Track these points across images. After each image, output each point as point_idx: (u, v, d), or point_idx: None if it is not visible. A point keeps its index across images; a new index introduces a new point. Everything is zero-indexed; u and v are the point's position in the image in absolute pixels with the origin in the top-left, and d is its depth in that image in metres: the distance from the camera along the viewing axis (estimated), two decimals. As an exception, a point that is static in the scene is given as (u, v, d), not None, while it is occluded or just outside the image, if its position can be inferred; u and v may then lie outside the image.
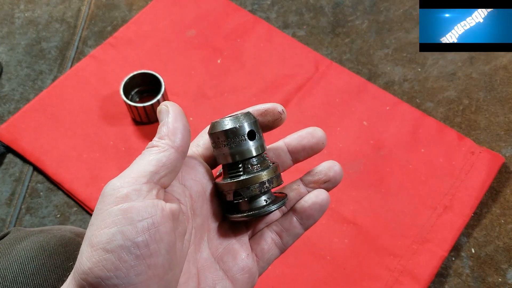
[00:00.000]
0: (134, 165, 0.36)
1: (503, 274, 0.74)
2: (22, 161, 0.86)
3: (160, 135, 0.37)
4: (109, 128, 0.87)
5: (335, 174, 0.40)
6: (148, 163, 0.36)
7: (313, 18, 1.00)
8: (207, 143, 0.40)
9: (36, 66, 0.96)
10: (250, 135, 0.38)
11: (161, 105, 0.39)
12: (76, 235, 0.52)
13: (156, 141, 0.37)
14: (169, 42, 0.96)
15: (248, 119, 0.38)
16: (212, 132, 0.38)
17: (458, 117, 0.88)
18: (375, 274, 0.73)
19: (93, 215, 0.34)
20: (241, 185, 0.37)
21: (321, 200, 0.40)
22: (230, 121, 0.37)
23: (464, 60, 0.94)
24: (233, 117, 0.38)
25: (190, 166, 0.39)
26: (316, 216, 0.40)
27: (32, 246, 0.48)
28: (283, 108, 0.40)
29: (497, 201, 0.80)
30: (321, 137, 0.40)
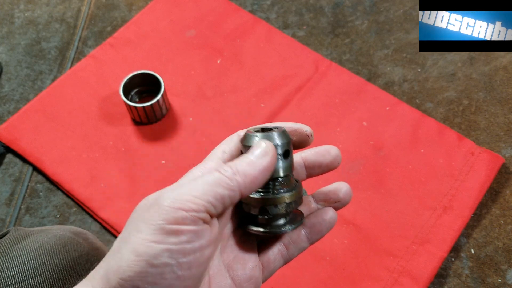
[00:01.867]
0: (199, 183, 0.33)
1: (502, 275, 0.74)
2: (22, 161, 0.86)
3: (238, 168, 0.34)
4: (108, 128, 0.87)
5: (345, 196, 0.42)
6: (213, 194, 0.33)
7: (313, 19, 1.00)
8: (233, 150, 0.39)
9: (36, 66, 0.96)
10: (285, 155, 0.37)
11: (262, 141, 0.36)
12: (75, 234, 0.52)
13: (229, 171, 0.34)
14: (169, 42, 0.96)
15: (285, 138, 0.37)
16: (245, 145, 0.37)
17: (458, 118, 0.88)
18: (375, 275, 0.73)
19: (142, 220, 0.34)
20: (270, 203, 0.37)
21: (330, 218, 0.41)
22: (267, 138, 0.37)
23: (464, 61, 0.94)
24: (270, 134, 0.37)
25: None
26: (324, 232, 0.41)
27: (32, 245, 0.48)
28: (312, 131, 0.40)
29: (496, 201, 0.80)
30: (337, 155, 0.41)
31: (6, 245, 0.48)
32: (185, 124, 0.88)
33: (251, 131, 0.38)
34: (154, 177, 0.82)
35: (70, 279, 0.47)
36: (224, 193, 0.33)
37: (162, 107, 0.86)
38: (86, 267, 0.49)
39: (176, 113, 0.89)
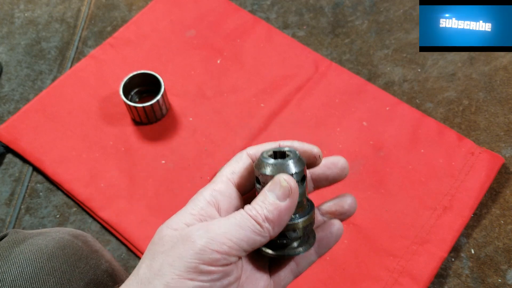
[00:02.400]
0: (233, 226, 0.34)
1: (502, 275, 0.74)
2: (22, 161, 0.86)
3: (268, 215, 0.35)
4: (108, 128, 0.87)
5: (350, 208, 0.42)
6: (246, 240, 0.35)
7: (313, 19, 1.00)
8: (242, 171, 0.40)
9: (36, 66, 0.96)
10: (301, 181, 0.38)
11: (284, 179, 0.36)
12: (74, 237, 0.52)
13: (260, 216, 0.35)
14: (169, 42, 0.96)
15: (301, 164, 0.37)
16: (262, 173, 0.37)
17: (458, 118, 0.88)
18: (375, 275, 0.73)
19: (175, 255, 0.34)
20: (288, 228, 0.38)
21: (337, 230, 0.42)
22: (284, 166, 0.36)
23: (464, 61, 0.94)
24: (287, 163, 0.36)
25: (229, 198, 0.39)
26: (332, 245, 0.43)
27: (31, 249, 0.48)
28: (320, 153, 0.40)
29: (496, 201, 0.80)
30: (344, 167, 0.41)
31: (4, 249, 0.48)
32: (185, 124, 0.88)
33: (264, 155, 0.38)
34: (154, 177, 0.82)
35: (69, 283, 0.47)
36: (256, 239, 0.35)
37: (162, 107, 0.86)
38: (85, 270, 0.49)
39: (176, 113, 0.89)
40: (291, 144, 0.39)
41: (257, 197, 0.36)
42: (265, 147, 0.40)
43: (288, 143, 0.40)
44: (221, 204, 0.38)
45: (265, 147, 0.40)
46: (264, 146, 0.40)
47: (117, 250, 0.78)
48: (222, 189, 0.38)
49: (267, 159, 0.37)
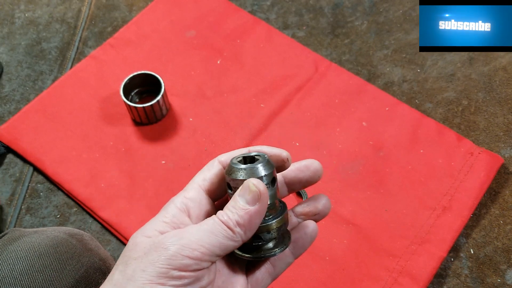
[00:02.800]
0: (205, 232, 0.35)
1: (502, 275, 0.74)
2: (22, 161, 0.86)
3: (239, 220, 0.36)
4: (109, 128, 0.87)
5: (324, 208, 0.43)
6: (219, 245, 0.36)
7: (312, 19, 1.01)
8: (213, 178, 0.40)
9: (36, 67, 0.96)
10: (272, 183, 0.38)
11: (252, 184, 0.36)
12: (69, 235, 0.52)
13: (232, 221, 0.36)
14: (169, 42, 0.97)
15: (270, 167, 0.38)
16: (232, 178, 0.38)
17: (457, 118, 0.88)
18: (374, 275, 0.74)
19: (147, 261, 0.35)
20: (262, 230, 0.39)
21: (312, 232, 0.42)
22: (253, 170, 0.37)
23: (463, 61, 0.94)
24: (256, 167, 0.37)
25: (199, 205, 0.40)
26: (307, 246, 0.43)
27: (23, 247, 0.48)
28: (289, 156, 0.40)
29: (496, 202, 0.80)
30: (317, 169, 0.42)
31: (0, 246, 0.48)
32: (185, 124, 0.88)
33: (234, 161, 0.39)
34: (154, 177, 0.83)
35: (59, 281, 0.47)
36: (228, 244, 0.36)
37: (162, 108, 0.86)
38: (76, 268, 0.49)
39: (176, 113, 0.89)
40: (260, 149, 0.40)
41: (228, 203, 0.37)
42: (236, 153, 0.41)
43: (258, 148, 0.40)
44: (192, 211, 0.39)
45: (235, 153, 0.41)
46: (235, 153, 0.41)
47: (117, 250, 0.79)
48: (193, 196, 0.39)
49: (236, 164, 0.38)
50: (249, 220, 0.36)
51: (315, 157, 0.87)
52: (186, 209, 0.39)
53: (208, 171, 0.41)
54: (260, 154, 0.39)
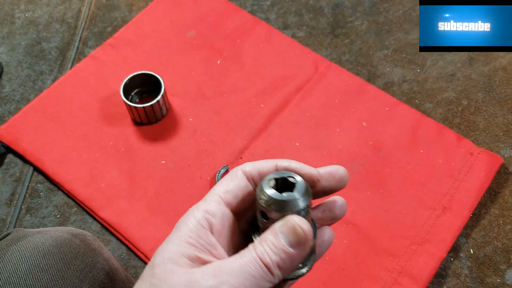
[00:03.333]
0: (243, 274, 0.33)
1: (501, 275, 0.74)
2: (22, 161, 0.86)
3: (279, 263, 0.33)
4: (109, 128, 0.87)
5: (340, 212, 0.41)
6: (252, 283, 0.33)
7: (312, 19, 1.01)
8: (236, 191, 0.38)
9: (36, 67, 0.96)
10: (307, 211, 0.36)
11: (299, 227, 0.34)
12: (73, 235, 0.53)
13: (273, 263, 0.33)
14: (169, 42, 0.97)
15: (309, 195, 0.35)
16: (268, 209, 0.35)
17: (457, 118, 0.88)
18: (374, 275, 0.74)
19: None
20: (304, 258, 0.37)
21: (328, 238, 0.41)
22: (294, 203, 0.35)
23: (463, 61, 0.94)
24: (294, 199, 0.34)
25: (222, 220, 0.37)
26: (323, 252, 0.42)
27: (27, 247, 0.48)
28: (320, 176, 0.37)
29: (495, 202, 0.80)
30: (342, 177, 0.39)
31: (3, 247, 0.48)
32: (185, 124, 0.88)
33: (266, 186, 0.35)
34: (154, 177, 0.83)
35: (63, 281, 0.47)
36: (265, 286, 0.33)
37: (162, 108, 0.86)
38: (80, 268, 0.49)
39: (176, 114, 0.89)
40: (289, 166, 0.38)
41: (267, 236, 0.34)
42: (261, 165, 0.38)
43: (286, 164, 0.38)
44: (215, 227, 0.37)
45: (261, 165, 0.38)
46: (260, 164, 0.38)
47: (117, 250, 0.79)
48: (214, 211, 0.37)
49: (271, 191, 0.35)
50: (291, 263, 0.34)
51: (314, 157, 0.87)
52: (208, 225, 0.36)
53: (231, 182, 0.38)
54: (293, 176, 0.36)
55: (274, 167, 0.38)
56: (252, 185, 0.38)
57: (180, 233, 0.35)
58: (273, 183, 0.36)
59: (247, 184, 0.38)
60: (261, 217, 0.36)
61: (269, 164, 0.38)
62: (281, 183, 0.36)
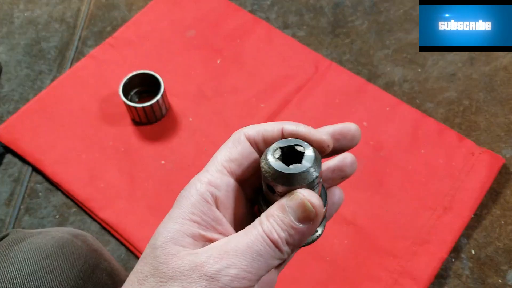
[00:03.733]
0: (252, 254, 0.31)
1: (503, 275, 0.74)
2: (21, 161, 0.86)
3: (288, 239, 0.31)
4: (108, 128, 0.87)
5: (352, 170, 0.38)
6: (265, 268, 0.31)
7: (313, 19, 1.00)
8: (240, 159, 0.35)
9: (35, 66, 0.96)
10: (317, 182, 0.33)
11: (308, 202, 0.31)
12: (74, 236, 0.52)
13: (281, 240, 0.31)
14: (169, 42, 0.96)
15: (319, 165, 0.32)
16: (275, 183, 0.32)
17: (458, 118, 0.87)
18: (375, 275, 0.73)
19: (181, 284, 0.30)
20: None
21: (338, 199, 0.39)
22: (303, 176, 0.31)
23: (464, 61, 0.94)
24: (306, 170, 0.31)
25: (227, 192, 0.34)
26: (333, 214, 0.40)
27: (30, 248, 0.48)
28: (330, 143, 0.34)
29: (497, 202, 0.80)
30: (355, 137, 0.36)
31: (4, 248, 0.48)
32: (185, 124, 0.88)
33: (271, 157, 0.32)
34: (153, 177, 0.82)
35: (67, 281, 0.47)
36: (274, 264, 0.32)
37: (162, 107, 0.86)
38: (83, 269, 0.49)
39: (175, 113, 0.89)
40: (296, 131, 0.34)
41: (274, 211, 0.32)
42: (266, 129, 0.35)
43: (292, 128, 0.34)
44: (220, 201, 0.34)
45: (265, 129, 0.35)
46: (265, 129, 0.35)
47: (116, 251, 0.78)
48: (219, 182, 0.34)
49: (277, 164, 0.32)
50: (300, 239, 0.32)
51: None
52: (213, 199, 0.34)
53: (234, 149, 0.35)
54: (301, 144, 0.33)
55: (279, 132, 0.34)
56: (256, 151, 0.35)
57: (182, 209, 0.33)
58: (279, 153, 0.33)
59: (251, 151, 0.35)
60: (267, 189, 0.34)
61: (275, 129, 0.35)
62: (288, 152, 0.33)
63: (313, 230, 0.32)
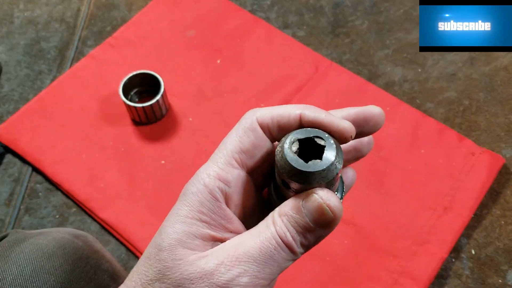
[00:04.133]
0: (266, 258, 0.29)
1: (503, 275, 0.74)
2: (21, 161, 0.86)
3: (303, 242, 0.29)
4: (108, 128, 0.87)
5: (369, 149, 0.36)
6: (277, 272, 0.29)
7: (313, 19, 1.00)
8: (252, 150, 0.31)
9: (35, 66, 0.96)
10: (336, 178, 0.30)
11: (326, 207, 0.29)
12: (75, 237, 0.52)
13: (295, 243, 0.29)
14: (169, 42, 0.96)
15: (341, 159, 0.29)
16: (293, 181, 0.29)
17: (458, 118, 0.87)
18: (375, 275, 0.73)
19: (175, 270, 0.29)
20: None
21: (351, 180, 0.37)
22: (323, 174, 0.28)
23: (464, 61, 0.94)
24: (327, 167, 0.28)
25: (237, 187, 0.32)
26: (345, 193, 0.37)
27: (31, 248, 0.47)
28: (353, 132, 0.31)
29: (497, 202, 0.80)
30: (378, 123, 0.33)
31: (5, 248, 0.48)
32: (185, 124, 0.87)
33: (289, 150, 0.29)
34: (154, 177, 0.82)
35: (69, 282, 0.47)
36: (287, 265, 0.30)
37: (162, 107, 0.86)
38: (85, 270, 0.49)
39: (175, 113, 0.89)
40: (317, 119, 0.30)
41: (288, 210, 0.29)
42: (281, 115, 0.31)
43: (312, 116, 0.30)
44: (231, 198, 0.31)
45: (281, 115, 0.31)
46: (280, 114, 0.31)
47: (116, 251, 0.78)
48: (230, 178, 0.31)
49: (295, 159, 0.28)
50: (315, 241, 0.30)
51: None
52: (223, 196, 0.31)
53: (246, 138, 0.31)
54: (321, 135, 0.29)
55: (297, 119, 0.31)
56: (269, 138, 0.32)
57: (189, 207, 0.30)
58: (296, 146, 0.29)
59: (265, 139, 0.31)
60: (281, 183, 0.30)
61: (291, 115, 0.31)
62: (306, 144, 0.29)
63: (330, 231, 0.30)
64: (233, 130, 0.32)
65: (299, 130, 0.30)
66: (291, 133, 0.30)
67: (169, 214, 0.32)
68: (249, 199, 0.33)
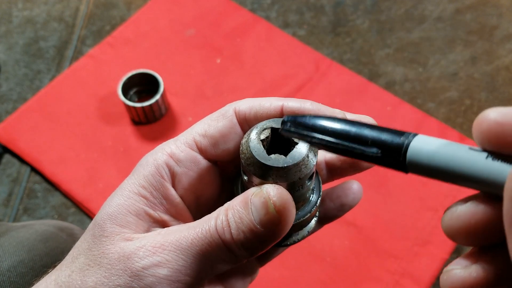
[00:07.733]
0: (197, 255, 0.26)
1: (505, 276, 0.74)
2: (20, 161, 0.85)
3: (245, 243, 0.26)
4: (107, 128, 0.87)
5: (355, 203, 0.35)
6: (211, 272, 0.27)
7: (313, 18, 1.00)
8: (216, 136, 0.29)
9: (34, 66, 0.95)
10: (308, 180, 0.27)
11: (272, 206, 0.25)
12: (59, 229, 0.51)
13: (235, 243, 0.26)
14: (168, 41, 0.96)
15: (310, 165, 0.26)
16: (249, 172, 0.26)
17: (460, 118, 0.87)
18: (376, 276, 0.73)
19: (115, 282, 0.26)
20: (293, 230, 0.30)
21: (352, 200, 0.35)
22: (281, 173, 0.25)
23: (466, 61, 0.93)
24: (286, 166, 0.25)
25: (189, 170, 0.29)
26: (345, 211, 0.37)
27: (11, 242, 0.46)
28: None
29: (499, 202, 0.79)
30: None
31: None
32: (185, 124, 0.87)
33: (254, 139, 0.26)
34: (153, 178, 0.82)
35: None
36: (224, 268, 0.27)
37: (161, 107, 0.85)
38: None
39: (175, 113, 0.88)
40: (301, 108, 0.28)
41: (236, 204, 0.26)
42: (262, 104, 0.28)
43: (296, 106, 0.28)
44: (178, 177, 0.29)
45: (261, 104, 0.28)
46: (260, 104, 0.28)
47: (115, 251, 0.78)
48: (181, 157, 0.29)
49: (257, 148, 0.25)
50: (260, 245, 0.26)
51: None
52: (169, 174, 0.29)
53: (214, 123, 0.29)
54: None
55: (278, 109, 0.28)
56: (243, 131, 0.29)
57: (133, 180, 0.29)
58: (266, 134, 0.26)
59: (236, 130, 0.29)
60: (243, 174, 0.28)
61: (273, 105, 0.28)
62: (281, 136, 0.26)
63: (278, 238, 0.26)
64: (210, 114, 0.30)
65: (276, 119, 0.27)
66: (267, 120, 0.27)
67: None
68: (207, 188, 0.30)
